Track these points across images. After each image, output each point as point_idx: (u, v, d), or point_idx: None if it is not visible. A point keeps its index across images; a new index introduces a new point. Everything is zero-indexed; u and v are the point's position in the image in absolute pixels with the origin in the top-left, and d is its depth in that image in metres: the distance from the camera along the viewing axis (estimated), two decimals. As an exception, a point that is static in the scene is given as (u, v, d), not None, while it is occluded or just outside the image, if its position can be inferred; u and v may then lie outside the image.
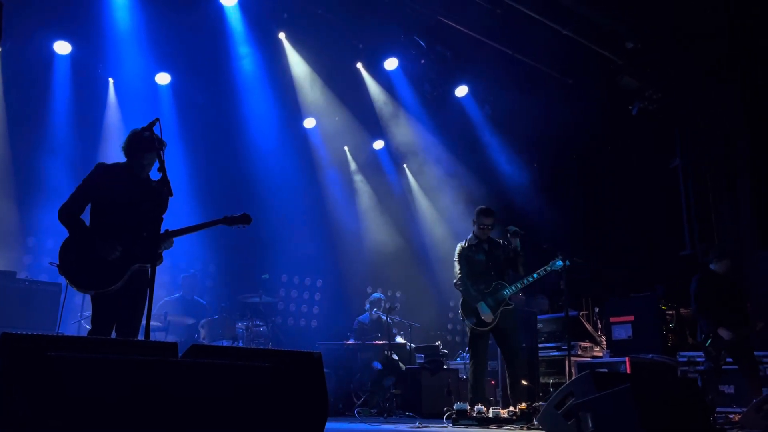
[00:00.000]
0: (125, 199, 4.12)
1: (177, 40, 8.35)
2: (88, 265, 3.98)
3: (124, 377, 2.44)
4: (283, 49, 9.29)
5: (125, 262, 4.04)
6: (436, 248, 11.16)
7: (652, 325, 7.78)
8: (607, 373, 6.42)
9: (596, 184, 10.44)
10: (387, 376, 7.50)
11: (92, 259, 3.98)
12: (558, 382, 7.60)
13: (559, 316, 8.32)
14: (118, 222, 4.07)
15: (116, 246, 4.00)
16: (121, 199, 4.11)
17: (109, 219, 4.09)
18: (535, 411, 5.31)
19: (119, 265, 4.02)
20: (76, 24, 7.95)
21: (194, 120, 9.24)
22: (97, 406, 2.34)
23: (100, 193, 4.13)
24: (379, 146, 11.50)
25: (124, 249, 4.03)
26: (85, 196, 4.14)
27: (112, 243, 3.99)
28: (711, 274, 6.46)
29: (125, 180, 4.19)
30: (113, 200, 4.11)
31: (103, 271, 3.98)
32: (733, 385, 6.76)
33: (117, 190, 4.12)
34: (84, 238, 4.04)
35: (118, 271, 4.02)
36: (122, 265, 4.03)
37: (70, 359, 2.34)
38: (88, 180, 4.16)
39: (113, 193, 4.11)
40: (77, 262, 3.99)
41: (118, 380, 2.42)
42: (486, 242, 6.09)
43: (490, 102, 10.59)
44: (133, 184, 4.18)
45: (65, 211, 4.07)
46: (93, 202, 4.15)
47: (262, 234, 9.04)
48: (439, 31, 9.02)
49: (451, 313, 11.70)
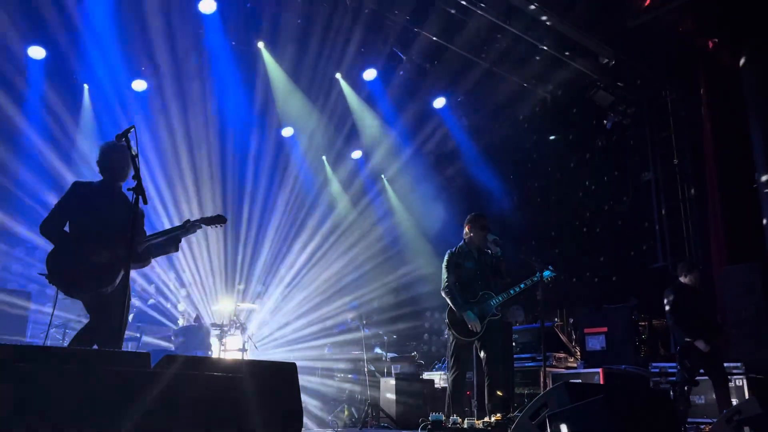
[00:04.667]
0: (103, 215, 4.20)
1: (154, 47, 8.29)
2: (81, 270, 4.02)
3: (95, 388, 2.40)
4: (262, 58, 9.29)
5: (115, 265, 4.08)
6: (413, 258, 11.18)
7: (625, 337, 7.87)
8: (581, 384, 6.45)
9: (571, 196, 10.57)
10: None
11: (83, 264, 4.02)
12: (533, 392, 7.63)
13: (534, 327, 8.38)
14: (97, 232, 4.14)
15: (104, 249, 4.08)
16: (99, 214, 4.20)
17: (87, 231, 4.16)
18: (509, 422, 5.32)
19: (110, 268, 4.07)
20: (51, 29, 7.85)
21: (170, 127, 9.16)
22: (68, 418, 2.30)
23: (77, 212, 4.22)
24: (356, 156, 11.51)
25: (111, 253, 4.09)
26: (62, 215, 4.22)
27: (99, 247, 4.07)
28: (682, 287, 6.56)
29: (100, 196, 4.28)
30: (91, 217, 4.19)
31: (95, 273, 4.03)
32: (704, 396, 6.86)
33: (93, 207, 4.21)
34: (71, 244, 4.10)
35: (111, 273, 4.07)
36: (113, 268, 4.08)
37: (39, 370, 2.30)
38: (64, 199, 4.26)
39: (89, 210, 4.20)
40: (68, 269, 4.03)
41: (90, 391, 2.38)
42: (475, 250, 6.10)
43: (467, 113, 10.69)
44: (108, 199, 4.27)
45: (46, 227, 4.15)
46: (71, 219, 4.22)
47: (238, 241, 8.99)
48: (418, 43, 9.11)
49: (427, 323, 11.70)
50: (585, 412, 3.62)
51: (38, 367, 2.30)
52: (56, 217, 4.18)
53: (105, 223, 4.16)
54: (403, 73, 9.70)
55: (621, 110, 9.69)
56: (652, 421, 3.98)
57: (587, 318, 8.31)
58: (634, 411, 3.84)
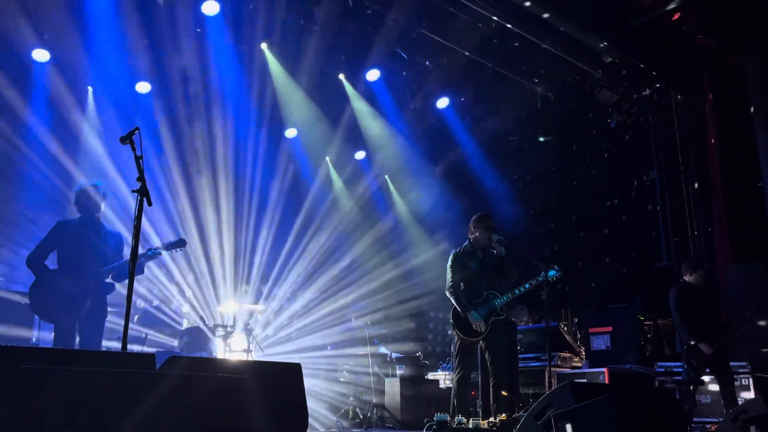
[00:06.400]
0: (84, 249, 4.86)
1: (158, 48, 8.30)
2: (54, 301, 4.70)
3: (101, 389, 2.40)
4: (265, 59, 9.29)
5: (85, 294, 4.78)
6: (417, 258, 11.17)
7: (630, 336, 7.85)
8: (585, 384, 6.44)
9: (575, 195, 10.55)
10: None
11: (56, 295, 4.69)
12: (538, 392, 7.62)
13: (539, 327, 8.37)
14: (70, 265, 4.83)
15: (75, 280, 4.75)
16: (80, 249, 4.86)
17: (62, 265, 4.86)
18: (515, 422, 5.32)
19: (79, 298, 4.76)
20: (56, 32, 7.87)
21: (174, 129, 9.18)
22: (73, 419, 2.30)
23: (57, 247, 4.91)
24: (360, 157, 11.52)
25: (80, 282, 4.78)
26: (47, 250, 4.92)
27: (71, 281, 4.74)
28: (688, 286, 6.53)
29: (77, 231, 4.93)
30: (68, 251, 4.87)
31: (65, 304, 4.70)
32: (710, 396, 6.84)
33: (70, 241, 4.88)
34: (48, 278, 4.79)
35: (80, 302, 4.77)
36: (82, 297, 4.77)
37: (45, 372, 2.31)
38: (48, 236, 4.94)
39: (66, 245, 4.87)
40: (43, 300, 4.74)
41: (95, 392, 2.39)
42: (480, 250, 6.08)
43: (470, 114, 10.68)
44: (83, 233, 4.92)
45: (31, 261, 4.85)
46: (56, 252, 4.92)
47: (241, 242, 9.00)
48: (421, 44, 9.11)
49: (431, 324, 11.70)
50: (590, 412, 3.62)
51: (44, 369, 2.31)
52: (39, 252, 4.86)
53: (78, 255, 4.82)
54: (406, 74, 9.70)
55: (625, 109, 9.69)
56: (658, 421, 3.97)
57: (592, 317, 8.30)
58: (640, 411, 3.83)
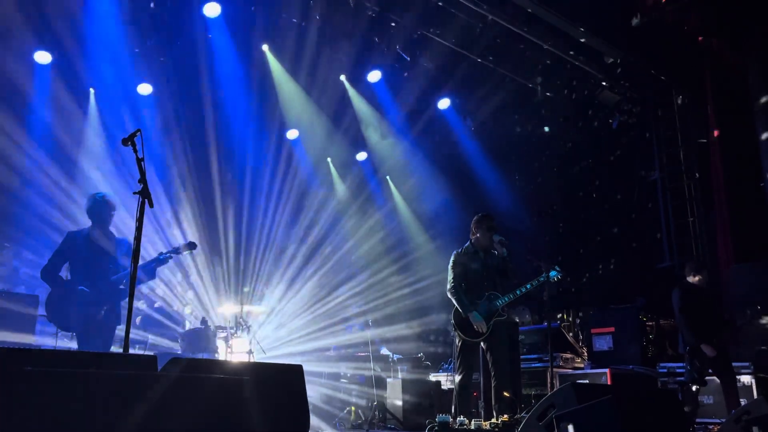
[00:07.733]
0: (96, 257, 4.92)
1: (159, 50, 8.31)
2: (70, 312, 4.75)
3: (103, 391, 2.40)
4: (267, 60, 9.30)
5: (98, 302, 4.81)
6: (419, 259, 11.17)
7: (633, 337, 7.84)
8: (588, 385, 6.45)
9: (577, 196, 10.54)
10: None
11: (72, 306, 4.73)
12: (540, 393, 7.60)
13: (541, 328, 8.36)
14: (84, 275, 4.86)
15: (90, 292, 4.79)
16: (92, 258, 4.91)
17: (75, 275, 4.91)
18: (517, 423, 5.31)
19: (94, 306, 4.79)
20: (57, 34, 7.88)
21: (176, 131, 9.18)
22: (75, 421, 2.31)
23: (71, 257, 4.97)
24: (362, 158, 11.52)
25: (94, 290, 4.82)
26: (60, 261, 4.96)
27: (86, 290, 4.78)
28: (690, 287, 6.52)
29: (90, 240, 4.97)
30: (83, 259, 4.91)
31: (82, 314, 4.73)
32: (712, 396, 6.83)
33: (85, 250, 4.93)
34: (63, 289, 4.84)
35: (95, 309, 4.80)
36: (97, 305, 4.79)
37: (48, 374, 2.31)
38: (60, 248, 5.00)
39: (78, 255, 4.92)
40: (60, 311, 4.78)
41: (97, 394, 2.39)
42: (482, 251, 6.07)
43: (471, 114, 10.68)
44: (97, 243, 4.96)
45: (45, 273, 4.88)
46: (68, 264, 4.98)
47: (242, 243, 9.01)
48: (423, 45, 9.11)
49: (434, 325, 11.68)
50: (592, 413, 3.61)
51: (46, 371, 2.32)
52: (52, 264, 4.90)
53: (91, 263, 4.87)
54: (407, 75, 9.70)
55: (627, 110, 9.68)
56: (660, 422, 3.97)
57: (594, 318, 8.29)
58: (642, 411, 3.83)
